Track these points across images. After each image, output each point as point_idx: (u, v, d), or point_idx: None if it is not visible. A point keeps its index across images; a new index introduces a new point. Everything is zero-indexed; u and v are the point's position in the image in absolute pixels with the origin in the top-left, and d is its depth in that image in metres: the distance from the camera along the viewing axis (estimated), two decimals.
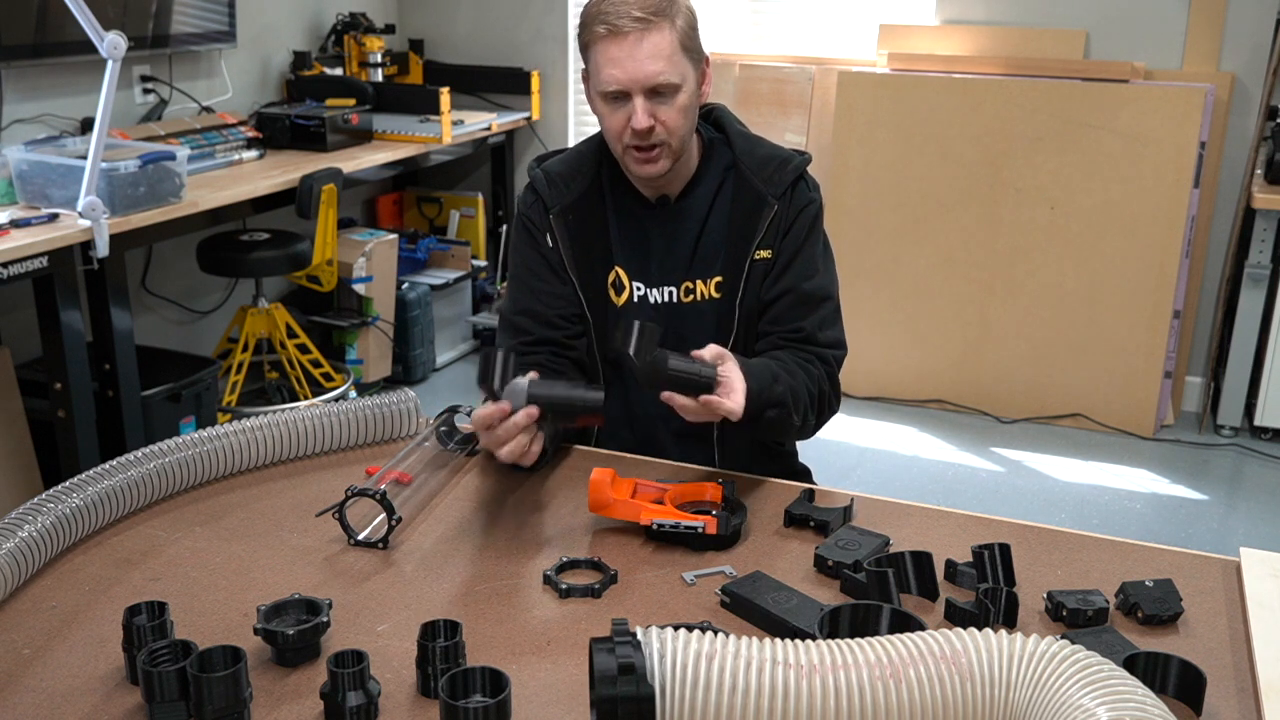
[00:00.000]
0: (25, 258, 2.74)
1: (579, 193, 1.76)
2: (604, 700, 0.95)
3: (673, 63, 1.61)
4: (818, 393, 1.69)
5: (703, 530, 1.44)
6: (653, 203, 1.77)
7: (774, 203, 1.72)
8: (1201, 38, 4.02)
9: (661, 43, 1.60)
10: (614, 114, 1.65)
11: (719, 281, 1.76)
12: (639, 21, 1.59)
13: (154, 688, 1.08)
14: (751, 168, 1.74)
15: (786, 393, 1.60)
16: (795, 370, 1.66)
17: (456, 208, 4.92)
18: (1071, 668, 0.97)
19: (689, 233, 1.76)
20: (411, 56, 4.85)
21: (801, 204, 1.74)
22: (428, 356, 4.53)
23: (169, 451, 1.57)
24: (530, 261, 1.78)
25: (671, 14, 1.62)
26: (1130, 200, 3.96)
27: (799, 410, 1.64)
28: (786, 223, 1.73)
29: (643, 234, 1.77)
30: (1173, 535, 3.37)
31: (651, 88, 1.61)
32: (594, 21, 1.62)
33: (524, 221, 1.79)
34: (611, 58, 1.61)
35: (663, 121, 1.63)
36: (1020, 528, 1.53)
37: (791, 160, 1.75)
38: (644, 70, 1.60)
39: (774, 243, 1.73)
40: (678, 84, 1.63)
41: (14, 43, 3.27)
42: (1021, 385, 4.21)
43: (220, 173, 3.61)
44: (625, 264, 1.78)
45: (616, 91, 1.62)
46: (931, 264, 4.24)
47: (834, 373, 1.74)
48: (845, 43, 4.50)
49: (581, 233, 1.76)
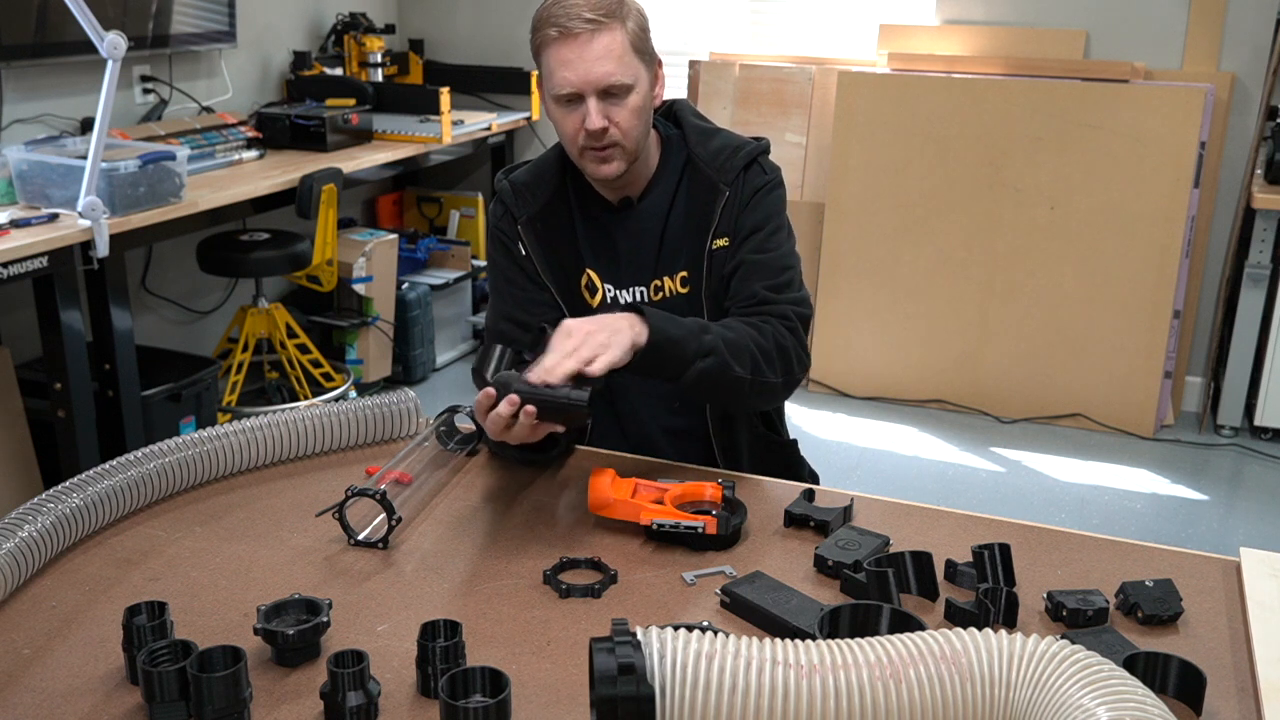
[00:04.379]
0: (25, 258, 2.74)
1: (544, 200, 1.76)
2: (604, 700, 0.95)
3: (624, 63, 1.62)
4: (773, 347, 1.62)
5: (703, 530, 1.44)
6: (615, 205, 1.78)
7: (725, 189, 1.72)
8: (1201, 38, 4.02)
9: (613, 44, 1.61)
10: (568, 116, 1.65)
11: (684, 276, 1.76)
12: (589, 23, 1.59)
13: (154, 688, 1.08)
14: (704, 159, 1.74)
15: (717, 341, 1.55)
16: (736, 325, 1.62)
17: (456, 208, 4.92)
18: (1071, 668, 0.97)
19: (652, 231, 1.77)
20: (411, 56, 4.85)
21: (755, 186, 1.73)
22: (428, 356, 4.53)
23: (169, 451, 1.57)
24: (508, 271, 1.79)
25: (622, 15, 1.62)
26: (1130, 200, 3.96)
27: (742, 361, 1.57)
28: (740, 206, 1.73)
29: (608, 236, 1.78)
30: (1173, 535, 3.37)
31: (604, 88, 1.61)
32: (544, 25, 1.63)
33: (496, 234, 1.80)
34: (563, 59, 1.61)
35: (616, 122, 1.64)
36: (1020, 528, 1.53)
37: (744, 146, 1.75)
38: (595, 71, 1.60)
39: (729, 228, 1.73)
40: (630, 84, 1.63)
41: (14, 43, 3.27)
42: (1021, 385, 4.21)
43: (220, 173, 3.61)
44: (595, 267, 1.78)
45: (570, 94, 1.63)
46: (931, 264, 4.24)
47: (795, 327, 1.67)
48: (845, 43, 4.50)
49: (550, 239, 1.76)
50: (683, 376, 1.53)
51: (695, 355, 1.53)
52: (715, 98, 4.50)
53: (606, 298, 1.78)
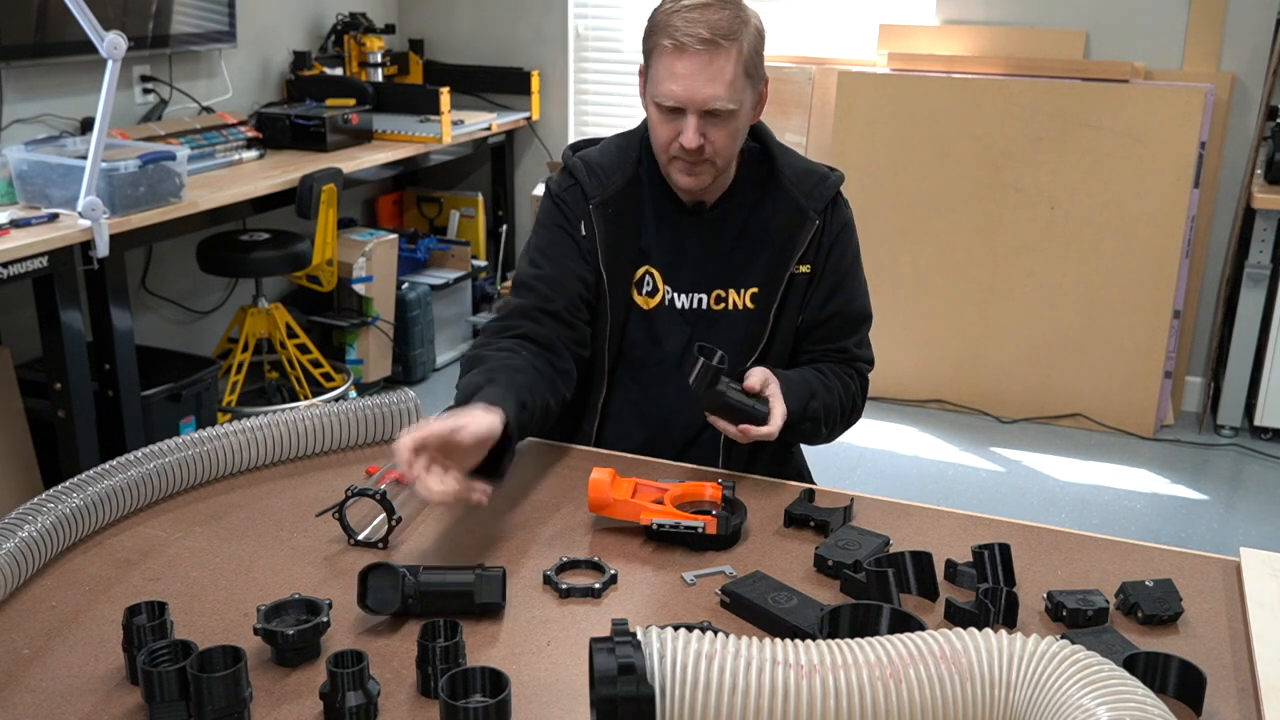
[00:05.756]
0: (25, 258, 2.74)
1: (619, 187, 1.74)
2: (604, 700, 0.95)
3: (733, 88, 1.59)
4: (850, 405, 1.77)
5: (703, 530, 1.44)
6: (689, 207, 1.76)
7: (815, 218, 1.73)
8: (1201, 38, 4.02)
9: (725, 67, 1.58)
10: (665, 124, 1.64)
11: (754, 293, 1.75)
12: (706, 44, 1.57)
13: (154, 688, 1.08)
14: (792, 180, 1.74)
15: (820, 408, 1.68)
16: (833, 385, 1.73)
17: (456, 208, 4.92)
18: (1071, 668, 0.97)
19: (723, 240, 1.76)
20: (411, 56, 4.85)
21: (842, 221, 1.77)
22: (428, 356, 4.53)
23: (169, 451, 1.57)
24: (559, 240, 1.76)
25: (740, 37, 1.59)
26: (1130, 200, 3.96)
27: (829, 423, 1.71)
28: (829, 240, 1.75)
29: (677, 237, 1.76)
30: (1173, 535, 3.37)
31: (708, 110, 1.60)
32: (661, 32, 1.60)
33: (558, 202, 1.77)
34: (673, 73, 1.59)
35: (712, 141, 1.63)
36: (1020, 528, 1.53)
37: (830, 176, 1.77)
38: (703, 93, 1.58)
39: (814, 258, 1.74)
40: (734, 110, 1.61)
41: (14, 43, 3.27)
42: (1021, 385, 4.21)
43: (220, 173, 3.61)
44: (657, 265, 1.77)
45: (672, 106, 1.61)
46: (931, 264, 4.24)
47: (866, 385, 1.81)
48: (845, 43, 4.50)
49: (618, 228, 1.74)
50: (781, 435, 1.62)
51: (801, 420, 1.65)
52: None
53: (665, 299, 1.77)
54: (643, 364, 1.79)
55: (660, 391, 1.79)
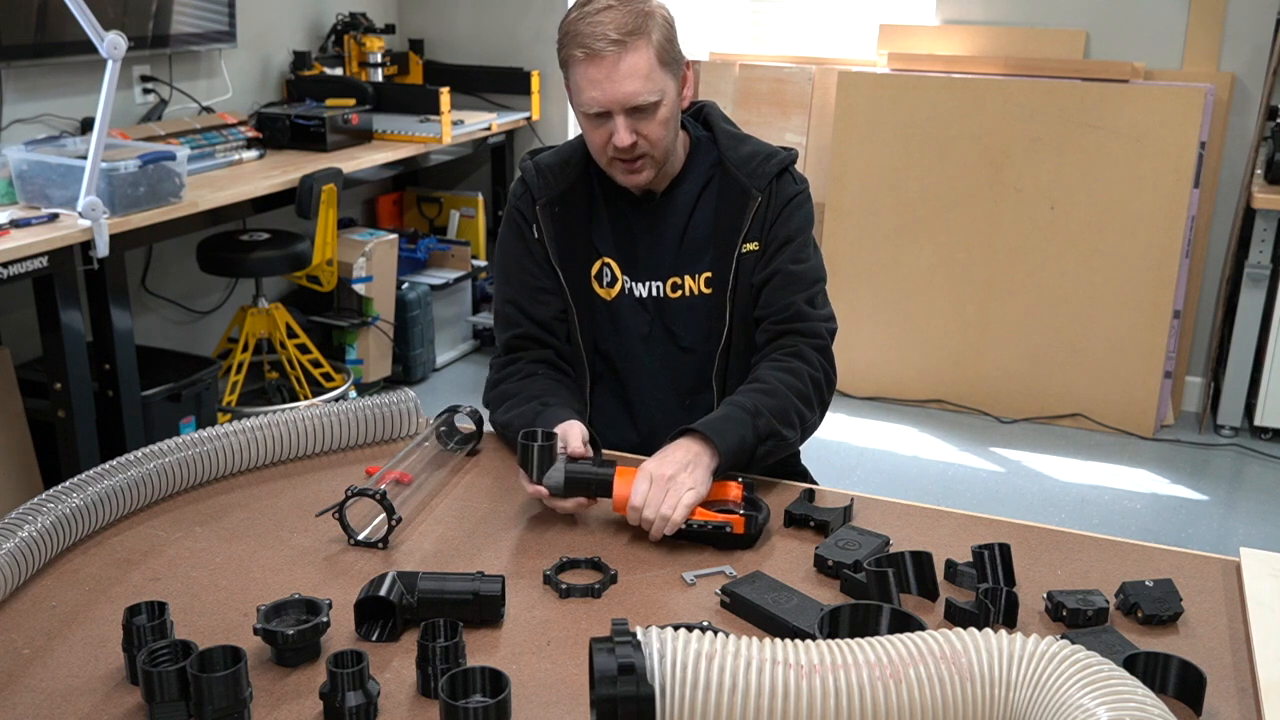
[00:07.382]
0: (25, 258, 2.74)
1: (567, 185, 1.77)
2: (604, 700, 0.95)
3: (651, 80, 1.62)
4: (810, 388, 1.67)
5: (730, 530, 1.44)
6: (638, 197, 1.78)
7: (758, 195, 1.73)
8: (1201, 38, 4.02)
9: (638, 62, 1.61)
10: (596, 130, 1.67)
11: (708, 277, 1.77)
12: (615, 44, 1.59)
13: (154, 688, 1.08)
14: (736, 163, 1.75)
15: (770, 421, 1.59)
16: (778, 385, 1.64)
17: (456, 208, 4.92)
18: (1071, 668, 0.97)
19: (674, 228, 1.78)
20: (411, 56, 4.85)
21: (787, 195, 1.75)
22: (428, 356, 4.53)
23: (169, 451, 1.57)
24: (519, 256, 1.80)
25: (647, 30, 1.62)
26: (1130, 200, 3.96)
27: (795, 424, 1.64)
28: (773, 214, 1.74)
29: (628, 228, 1.79)
30: (1173, 535, 3.37)
31: (631, 107, 1.62)
32: (571, 43, 1.63)
33: (513, 213, 1.81)
34: (590, 79, 1.62)
35: (644, 135, 1.65)
36: (1020, 528, 1.53)
37: (775, 155, 1.77)
38: (622, 91, 1.61)
39: (760, 234, 1.74)
40: (657, 101, 1.64)
41: (14, 43, 3.27)
42: (1021, 385, 4.21)
43: (220, 173, 3.61)
44: (614, 257, 1.79)
45: (598, 112, 1.64)
46: (931, 264, 4.24)
47: (826, 346, 1.73)
48: (845, 43, 4.50)
49: (566, 224, 1.77)
50: (748, 467, 1.59)
51: (755, 446, 1.58)
52: (715, 98, 4.48)
53: (625, 289, 1.79)
54: (614, 354, 1.82)
55: (636, 381, 1.82)
